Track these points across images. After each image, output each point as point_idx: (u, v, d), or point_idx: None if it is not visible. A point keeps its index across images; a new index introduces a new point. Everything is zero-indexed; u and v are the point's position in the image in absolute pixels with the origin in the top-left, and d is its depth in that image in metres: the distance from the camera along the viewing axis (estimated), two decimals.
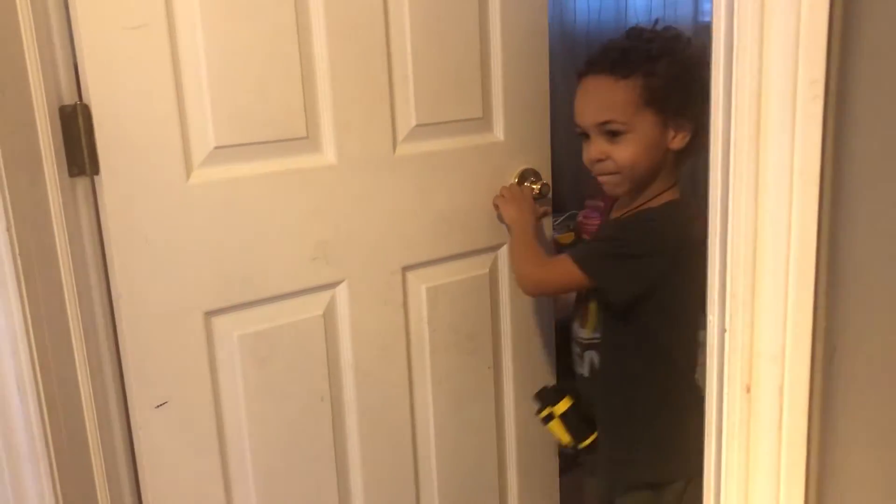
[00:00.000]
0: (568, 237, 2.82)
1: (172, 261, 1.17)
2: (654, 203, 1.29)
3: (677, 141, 1.25)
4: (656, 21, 1.30)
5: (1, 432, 1.04)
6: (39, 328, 1.03)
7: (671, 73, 1.22)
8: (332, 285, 1.32)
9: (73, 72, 1.07)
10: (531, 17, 1.49)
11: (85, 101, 1.07)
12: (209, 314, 1.21)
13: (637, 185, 1.29)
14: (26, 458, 1.04)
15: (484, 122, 1.46)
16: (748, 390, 0.84)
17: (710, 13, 0.83)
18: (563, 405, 1.39)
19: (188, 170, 1.16)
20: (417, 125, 1.37)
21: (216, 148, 1.17)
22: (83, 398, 1.12)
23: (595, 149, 1.26)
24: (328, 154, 1.28)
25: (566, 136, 3.30)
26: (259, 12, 1.18)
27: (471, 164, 1.44)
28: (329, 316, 1.33)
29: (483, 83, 1.44)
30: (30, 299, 1.02)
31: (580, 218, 2.90)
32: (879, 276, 0.77)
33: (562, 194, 3.33)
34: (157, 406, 1.18)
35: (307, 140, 1.26)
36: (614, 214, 1.37)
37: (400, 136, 1.35)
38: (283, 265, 1.27)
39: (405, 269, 1.40)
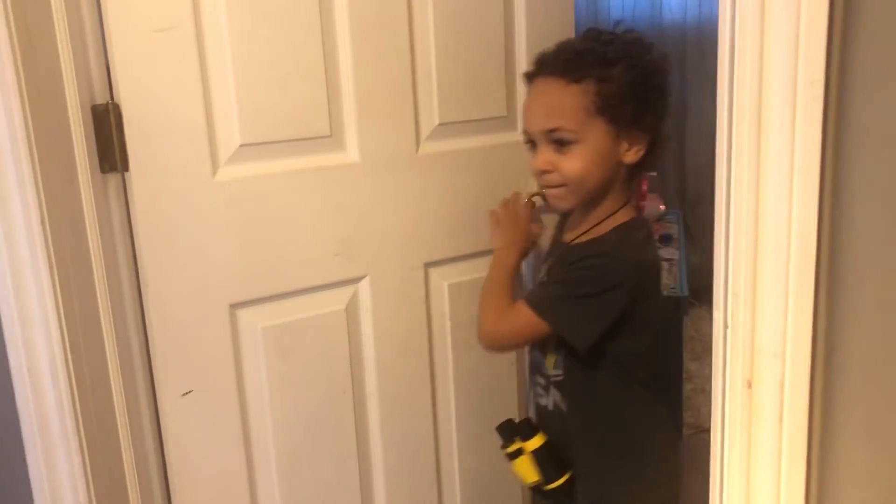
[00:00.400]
0: None
1: (199, 254, 1.21)
2: (607, 225, 1.19)
3: (631, 154, 1.16)
4: (617, 22, 1.21)
5: (35, 414, 1.09)
6: (71, 317, 1.08)
7: (627, 80, 1.12)
8: (355, 280, 1.36)
9: (105, 72, 1.12)
10: (557, 15, 1.51)
11: (116, 100, 1.12)
12: (234, 306, 1.25)
13: (585, 200, 1.19)
14: (58, 439, 1.10)
15: (508, 120, 1.47)
16: (749, 385, 0.85)
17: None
18: (536, 441, 1.24)
19: (214, 167, 1.20)
20: (440, 124, 1.39)
21: (241, 146, 1.21)
22: (113, 385, 1.17)
23: (541, 158, 1.16)
24: (351, 152, 1.31)
25: None
26: (284, 14, 1.22)
27: (494, 163, 1.46)
28: (351, 310, 1.36)
29: (507, 82, 1.46)
30: (62, 289, 1.07)
31: None
32: (879, 275, 0.78)
33: None
34: (184, 394, 1.23)
35: (331, 138, 1.29)
36: (567, 235, 1.26)
37: (423, 135, 1.38)
38: (307, 260, 1.30)
39: (427, 265, 1.42)
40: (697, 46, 3.19)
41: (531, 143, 1.19)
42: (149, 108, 1.14)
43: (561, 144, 1.13)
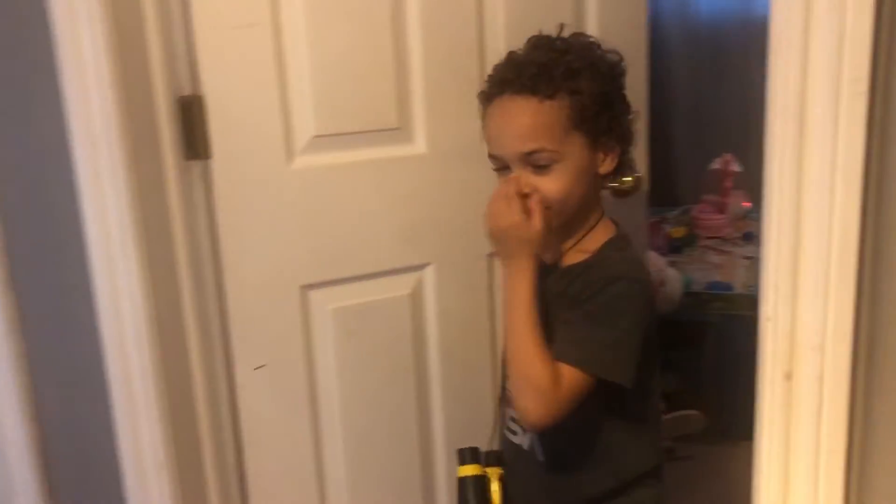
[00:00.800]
0: (680, 231, 2.80)
1: (274, 238, 1.29)
2: (593, 241, 1.13)
3: (607, 164, 1.10)
4: (561, 27, 1.13)
5: (121, 379, 1.20)
6: (155, 291, 1.18)
7: (595, 89, 1.06)
8: (420, 267, 1.41)
9: (191, 66, 1.21)
10: (629, 13, 1.52)
11: (200, 92, 1.21)
12: (305, 287, 1.33)
13: (566, 219, 1.11)
14: (141, 403, 1.20)
15: None
16: (788, 378, 0.86)
17: None
18: (495, 472, 1.17)
19: (290, 156, 1.28)
20: None
21: (315, 137, 1.29)
22: (192, 356, 1.27)
23: (520, 182, 1.07)
24: (419, 144, 1.37)
25: (685, 129, 3.26)
26: (358, 10, 1.28)
27: None
28: (416, 296, 1.42)
29: None
30: (149, 267, 1.17)
31: (695, 213, 2.87)
32: None
33: (677, 188, 3.30)
34: (257, 368, 1.32)
35: (400, 131, 1.35)
36: (546, 256, 1.14)
37: None
38: (374, 246, 1.37)
39: (491, 256, 1.46)
40: None
41: (502, 168, 1.10)
42: (230, 100, 1.23)
43: (540, 167, 1.06)
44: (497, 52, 1.39)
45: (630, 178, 1.21)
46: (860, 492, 0.86)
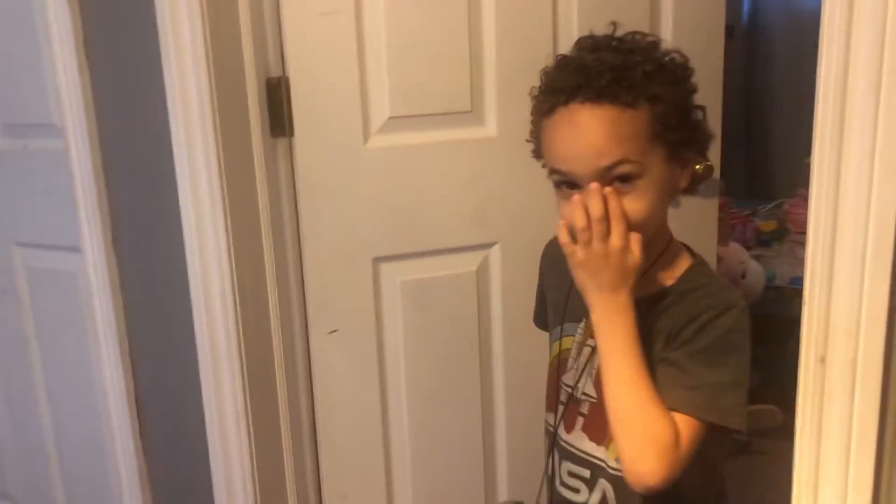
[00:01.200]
0: (770, 225, 2.75)
1: (349, 211, 1.38)
2: (672, 267, 1.01)
3: (684, 178, 0.99)
4: (614, 25, 0.99)
5: (208, 336, 1.32)
6: (240, 258, 1.29)
7: (674, 94, 0.94)
8: (486, 246, 1.47)
9: (278, 50, 1.31)
10: (707, 10, 1.52)
11: (286, 74, 1.31)
12: (377, 260, 1.42)
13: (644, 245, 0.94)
14: (224, 359, 1.32)
15: None
16: (822, 361, 0.87)
17: None
18: None
19: (366, 135, 1.36)
20: None
21: (390, 118, 1.37)
22: (272, 317, 1.38)
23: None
24: (490, 127, 1.43)
25: (785, 122, 3.18)
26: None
27: None
28: (482, 273, 1.48)
29: None
30: (234, 235, 1.28)
31: (787, 207, 2.81)
32: None
33: (771, 181, 3.22)
34: (330, 332, 1.42)
35: (471, 114, 1.41)
36: None
37: None
38: (443, 224, 1.44)
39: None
40: None
41: (568, 185, 0.95)
42: (313, 82, 1.32)
43: (622, 181, 0.91)
44: (570, 37, 1.42)
45: (700, 166, 1.09)
46: (891, 476, 0.87)
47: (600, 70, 0.91)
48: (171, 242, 1.31)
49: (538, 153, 1.04)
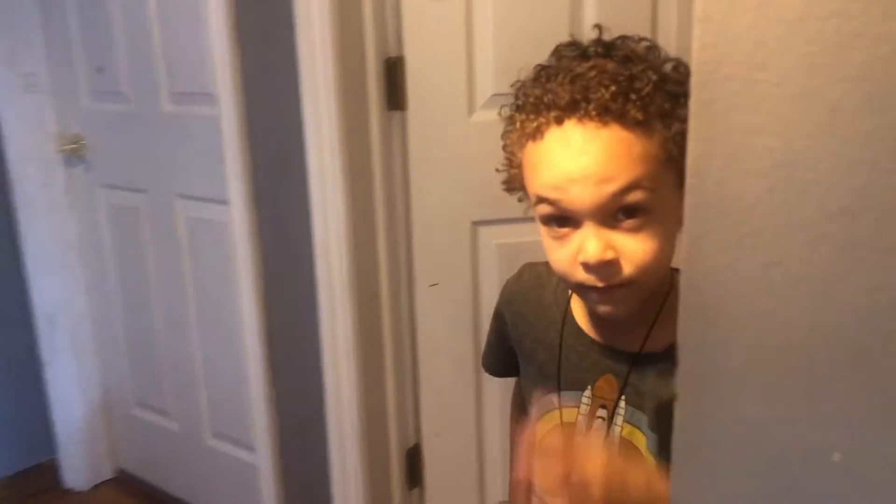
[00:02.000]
0: None
1: (452, 179, 1.55)
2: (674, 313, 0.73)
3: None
4: (599, 28, 0.85)
5: (326, 282, 1.53)
6: (355, 216, 1.48)
7: (686, 110, 0.63)
8: None
9: (397, 32, 1.48)
10: None
11: (403, 54, 1.48)
12: (475, 223, 1.57)
13: (649, 292, 0.81)
14: (339, 303, 1.53)
15: None
16: None
17: None
18: None
19: (471, 110, 1.52)
20: None
21: (494, 94, 1.51)
22: (381, 270, 1.57)
23: (600, 243, 0.75)
24: None
25: None
26: None
27: None
28: None
29: None
30: (351, 195, 1.48)
31: None
32: None
33: None
34: (431, 285, 1.59)
35: None
36: (619, 339, 0.87)
37: None
38: None
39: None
40: None
41: (558, 222, 0.78)
42: (425, 60, 1.49)
43: (628, 215, 0.74)
44: (668, 30, 1.52)
45: None
46: None
47: (601, 82, 0.75)
48: (299, 198, 1.52)
49: (512, 184, 0.88)
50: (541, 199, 0.79)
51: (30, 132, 2.11)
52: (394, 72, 1.50)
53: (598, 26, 0.84)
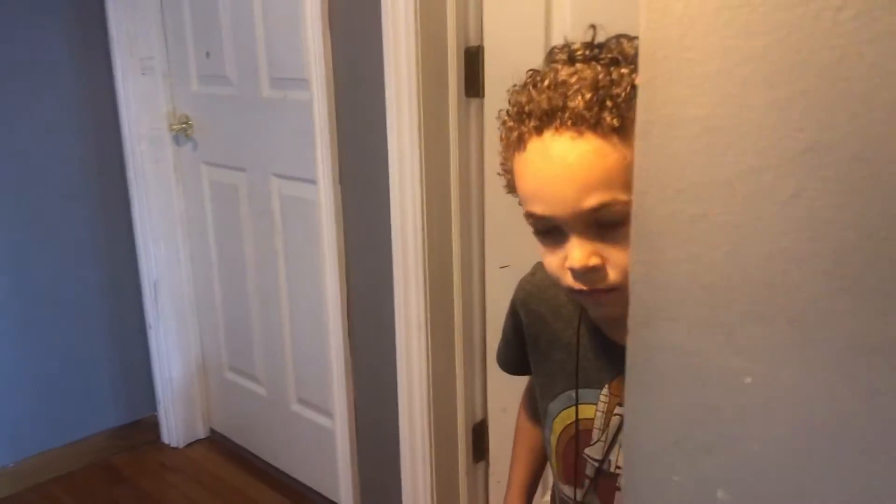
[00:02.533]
0: None
1: None
2: None
3: None
4: (594, 29, 0.83)
5: (402, 260, 1.62)
6: (432, 198, 1.57)
7: None
8: None
9: (478, 23, 1.56)
10: None
11: (482, 43, 1.55)
12: None
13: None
14: (413, 279, 1.61)
15: None
16: None
17: None
18: None
19: None
20: None
21: None
22: (454, 250, 1.65)
23: (585, 250, 0.76)
24: None
25: None
26: None
27: None
28: None
29: None
30: (428, 178, 1.56)
31: None
32: None
33: None
34: (501, 267, 1.66)
35: None
36: (617, 334, 0.88)
37: None
38: None
39: None
40: None
41: (544, 234, 0.81)
42: (503, 50, 1.55)
43: (608, 227, 0.74)
44: None
45: None
46: None
47: (577, 89, 0.74)
48: (380, 180, 1.62)
49: (511, 187, 0.88)
50: (528, 213, 0.81)
51: (145, 112, 2.30)
52: (473, 60, 1.57)
53: (593, 27, 0.82)
